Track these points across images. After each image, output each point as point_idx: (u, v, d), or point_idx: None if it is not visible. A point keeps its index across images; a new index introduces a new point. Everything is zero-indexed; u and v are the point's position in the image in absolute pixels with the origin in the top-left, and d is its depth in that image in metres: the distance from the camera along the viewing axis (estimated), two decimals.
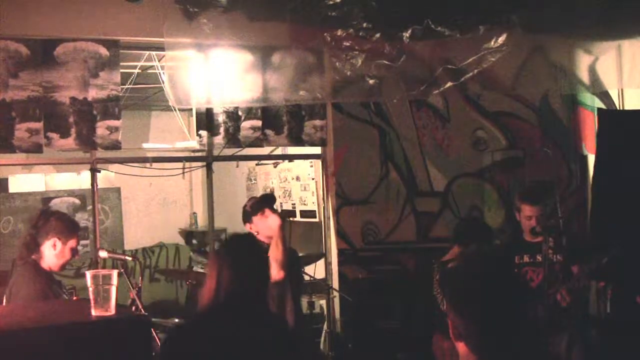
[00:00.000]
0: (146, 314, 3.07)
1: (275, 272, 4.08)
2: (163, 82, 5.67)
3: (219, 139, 5.76)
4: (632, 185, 5.43)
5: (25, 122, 5.04)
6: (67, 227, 3.82)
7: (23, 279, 3.65)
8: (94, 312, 2.62)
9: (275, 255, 4.08)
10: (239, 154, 5.99)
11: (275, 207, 4.41)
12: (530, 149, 6.60)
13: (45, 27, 5.08)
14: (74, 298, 3.94)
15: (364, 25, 5.27)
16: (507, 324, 1.83)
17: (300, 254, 5.17)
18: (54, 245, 3.75)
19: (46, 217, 3.83)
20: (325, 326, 6.09)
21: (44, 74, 5.10)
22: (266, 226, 4.26)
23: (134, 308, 3.53)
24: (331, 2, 5.12)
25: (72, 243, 3.81)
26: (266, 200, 4.42)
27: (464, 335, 1.85)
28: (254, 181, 8.59)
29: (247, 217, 4.42)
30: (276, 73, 5.65)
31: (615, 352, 4.95)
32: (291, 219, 4.74)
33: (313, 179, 7.04)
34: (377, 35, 5.35)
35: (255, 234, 4.42)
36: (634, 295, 4.91)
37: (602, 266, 4.91)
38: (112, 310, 2.63)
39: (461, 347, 1.87)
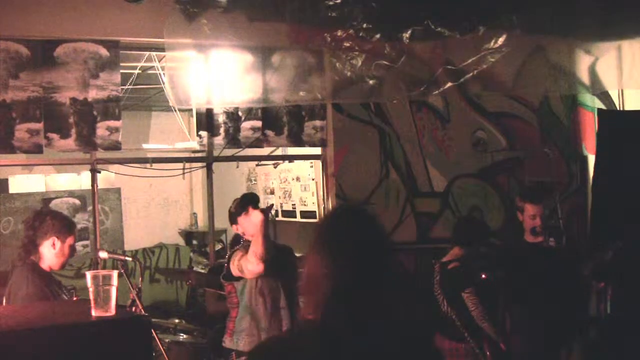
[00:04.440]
0: (146, 314, 3.07)
1: (255, 266, 4.10)
2: (163, 83, 5.68)
3: (219, 140, 5.76)
4: (632, 185, 5.44)
5: (26, 123, 5.04)
6: (65, 225, 3.82)
7: (22, 280, 3.65)
8: (94, 313, 2.62)
9: (254, 248, 4.10)
10: (239, 154, 5.99)
11: (259, 205, 4.40)
12: (530, 150, 6.60)
13: (45, 28, 5.08)
14: (74, 298, 3.93)
15: (364, 25, 5.27)
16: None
17: (300, 254, 5.16)
18: (53, 245, 3.75)
19: (41, 217, 3.82)
20: None
21: (44, 74, 5.10)
22: (251, 224, 4.26)
23: (134, 309, 3.52)
24: (331, 3, 5.13)
25: (70, 240, 3.82)
26: (249, 199, 4.42)
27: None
28: (254, 182, 8.59)
29: (232, 219, 4.42)
30: (276, 73, 5.65)
31: (615, 352, 4.95)
32: (272, 211, 4.72)
33: (313, 179, 7.04)
34: (377, 35, 5.36)
35: (242, 234, 4.42)
36: (634, 295, 4.91)
37: (602, 266, 4.91)
38: (112, 311, 2.63)
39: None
